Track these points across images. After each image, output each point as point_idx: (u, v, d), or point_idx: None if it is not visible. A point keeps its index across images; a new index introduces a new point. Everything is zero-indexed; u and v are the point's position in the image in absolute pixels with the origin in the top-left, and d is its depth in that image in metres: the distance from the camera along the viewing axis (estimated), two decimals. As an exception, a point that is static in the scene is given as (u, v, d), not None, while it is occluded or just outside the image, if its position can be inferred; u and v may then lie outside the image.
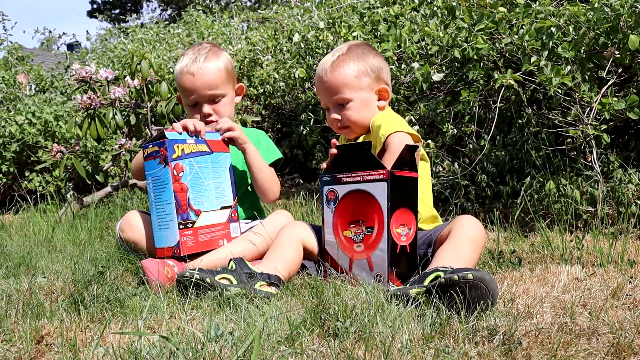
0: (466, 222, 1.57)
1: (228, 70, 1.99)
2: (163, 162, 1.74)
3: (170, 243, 1.71)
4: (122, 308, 1.36)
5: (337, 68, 1.79)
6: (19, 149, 4.13)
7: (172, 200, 1.71)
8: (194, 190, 1.76)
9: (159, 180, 1.75)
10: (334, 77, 1.79)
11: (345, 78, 1.78)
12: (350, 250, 1.58)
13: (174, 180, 1.72)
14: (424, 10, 2.75)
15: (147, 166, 1.79)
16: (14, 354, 1.11)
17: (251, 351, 1.01)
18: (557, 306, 1.32)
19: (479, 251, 1.57)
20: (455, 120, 2.60)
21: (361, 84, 1.79)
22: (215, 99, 1.96)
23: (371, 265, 1.53)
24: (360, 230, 1.56)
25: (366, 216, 1.55)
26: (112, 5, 23.26)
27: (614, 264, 1.70)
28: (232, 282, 1.45)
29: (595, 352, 1.06)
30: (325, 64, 1.81)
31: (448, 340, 1.11)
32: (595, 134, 2.13)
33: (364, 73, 1.80)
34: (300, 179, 3.89)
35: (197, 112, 1.97)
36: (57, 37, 7.60)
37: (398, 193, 1.52)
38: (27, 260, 1.98)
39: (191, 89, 1.94)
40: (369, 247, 1.54)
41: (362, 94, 1.80)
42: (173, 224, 1.71)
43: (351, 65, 1.79)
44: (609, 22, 2.12)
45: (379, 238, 1.51)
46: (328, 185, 1.65)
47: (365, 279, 1.50)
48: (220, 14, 6.29)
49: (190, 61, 1.95)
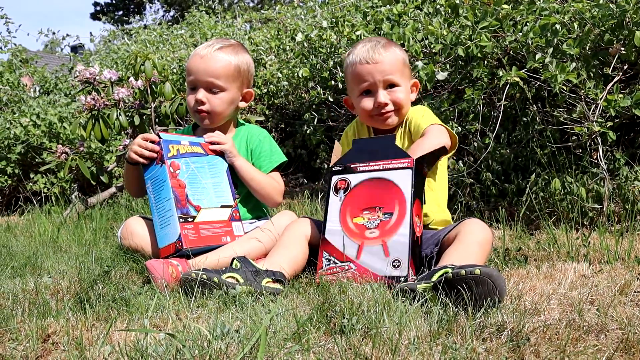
0: (473, 226, 1.57)
1: (239, 68, 1.95)
2: (159, 162, 1.77)
3: (172, 239, 1.71)
4: (128, 307, 1.36)
5: (390, 49, 1.79)
6: (23, 150, 4.14)
7: (171, 196, 1.72)
8: (192, 187, 1.77)
9: (157, 180, 1.77)
10: (389, 57, 1.77)
11: (398, 61, 1.79)
12: (360, 237, 1.55)
13: (171, 177, 1.74)
14: (427, 8, 2.74)
15: (145, 171, 1.81)
16: (21, 353, 1.11)
17: (257, 348, 1.01)
18: (565, 303, 1.31)
19: (487, 254, 1.57)
20: (459, 119, 2.59)
21: (406, 74, 1.83)
22: (213, 89, 1.92)
23: (387, 251, 1.50)
24: (376, 216, 1.55)
25: (384, 202, 1.55)
26: (115, 7, 23.31)
27: (620, 261, 1.69)
28: (239, 280, 1.45)
29: (605, 349, 1.05)
30: (376, 46, 1.78)
31: (455, 337, 1.10)
32: (601, 131, 2.11)
33: (405, 62, 1.83)
34: (304, 178, 3.89)
35: (193, 96, 1.93)
36: (61, 39, 7.62)
37: (417, 183, 1.56)
38: (32, 260, 1.98)
39: (193, 70, 1.92)
40: (386, 232, 1.52)
41: (406, 83, 1.82)
42: (173, 218, 1.71)
43: (397, 50, 1.81)
44: (614, 18, 2.11)
45: (399, 223, 1.51)
46: (339, 175, 1.65)
47: (375, 267, 1.49)
48: (223, 15, 6.29)
49: (205, 46, 1.94)
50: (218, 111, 1.94)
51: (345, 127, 3.26)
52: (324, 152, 3.31)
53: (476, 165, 2.51)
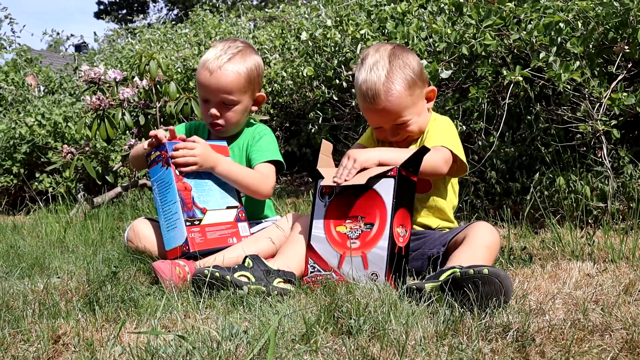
0: (482, 229, 1.58)
1: (250, 77, 1.90)
2: (165, 165, 1.77)
3: (179, 242, 1.72)
4: (137, 308, 1.37)
5: (390, 91, 1.66)
6: (29, 150, 4.17)
7: (177, 199, 1.73)
8: (198, 190, 1.78)
9: (163, 182, 1.78)
10: (391, 103, 1.67)
11: (401, 102, 1.68)
12: (342, 247, 1.53)
13: (176, 180, 1.75)
14: (431, 7, 2.75)
15: (151, 173, 1.82)
16: (33, 354, 1.12)
17: (266, 349, 1.02)
18: (569, 302, 1.32)
19: (494, 257, 1.58)
20: (463, 117, 2.59)
21: (415, 99, 1.71)
22: (227, 104, 1.89)
23: (366, 263, 1.49)
24: (358, 226, 1.52)
25: (366, 212, 1.52)
26: (118, 6, 23.34)
27: (625, 260, 1.69)
28: (250, 279, 1.46)
29: (609, 349, 1.06)
30: (375, 86, 1.67)
31: (461, 338, 1.11)
32: (605, 129, 2.12)
33: (413, 84, 1.70)
34: (309, 177, 3.90)
35: (205, 110, 1.92)
36: (65, 39, 7.64)
37: (402, 192, 1.52)
38: (40, 260, 2.00)
39: (204, 86, 1.89)
40: (366, 244, 1.50)
41: (418, 106, 1.73)
42: (180, 222, 1.72)
43: (402, 83, 1.68)
44: (619, 16, 2.12)
45: (379, 235, 1.49)
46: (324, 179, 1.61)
47: (355, 278, 1.47)
48: (227, 14, 6.30)
49: (213, 57, 1.87)
50: (233, 122, 1.93)
51: (350, 125, 3.29)
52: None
53: (481, 164, 2.51)
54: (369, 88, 1.67)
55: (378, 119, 1.73)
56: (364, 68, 1.71)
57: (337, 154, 3.31)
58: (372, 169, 1.55)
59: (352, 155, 1.58)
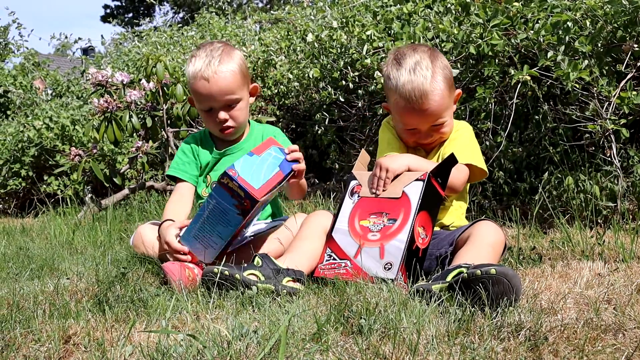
0: (486, 228, 1.58)
1: (243, 72, 1.92)
2: (241, 211, 1.63)
3: (199, 256, 1.69)
4: (146, 308, 1.38)
5: (436, 90, 1.67)
6: (37, 153, 4.19)
7: (226, 240, 1.67)
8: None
9: (224, 214, 1.64)
10: (437, 103, 1.68)
11: (444, 102, 1.70)
12: (362, 238, 1.59)
13: (240, 227, 1.68)
14: (438, 7, 2.74)
15: (217, 189, 1.63)
16: (44, 354, 1.13)
17: (277, 349, 1.02)
18: (581, 302, 1.31)
19: (499, 256, 1.57)
20: (471, 117, 2.59)
21: (451, 100, 1.75)
22: (232, 104, 1.89)
23: (382, 253, 1.54)
24: (381, 220, 1.59)
25: (391, 210, 1.59)
26: (125, 10, 23.45)
27: (637, 260, 1.68)
28: (260, 278, 1.46)
29: (623, 348, 1.05)
30: (423, 87, 1.66)
31: (473, 337, 1.10)
32: (614, 128, 2.11)
33: (451, 85, 1.74)
34: (315, 178, 3.90)
35: (212, 118, 1.90)
36: (72, 43, 7.69)
37: (428, 197, 1.58)
38: (49, 262, 2.01)
39: (206, 95, 1.87)
40: (386, 236, 1.56)
41: (452, 107, 1.77)
42: (213, 250, 1.68)
43: (444, 84, 1.69)
44: (627, 14, 2.10)
45: (400, 229, 1.54)
46: (357, 180, 1.70)
47: (369, 267, 1.52)
48: (232, 16, 6.32)
49: (204, 65, 1.85)
50: (241, 120, 1.93)
51: (356, 126, 3.28)
52: (335, 152, 3.31)
53: (488, 164, 2.50)
54: (416, 88, 1.67)
55: (418, 120, 1.73)
56: (404, 68, 1.69)
57: (344, 155, 3.33)
58: (404, 177, 1.62)
59: (383, 164, 1.64)
